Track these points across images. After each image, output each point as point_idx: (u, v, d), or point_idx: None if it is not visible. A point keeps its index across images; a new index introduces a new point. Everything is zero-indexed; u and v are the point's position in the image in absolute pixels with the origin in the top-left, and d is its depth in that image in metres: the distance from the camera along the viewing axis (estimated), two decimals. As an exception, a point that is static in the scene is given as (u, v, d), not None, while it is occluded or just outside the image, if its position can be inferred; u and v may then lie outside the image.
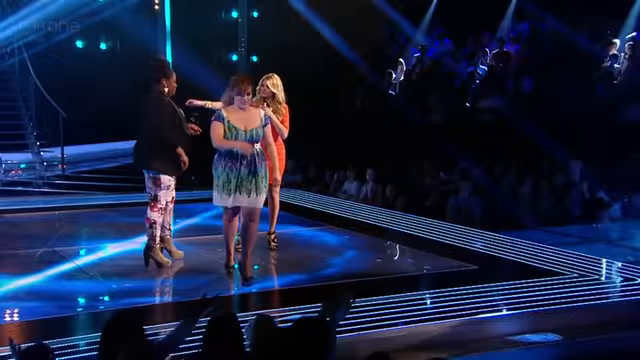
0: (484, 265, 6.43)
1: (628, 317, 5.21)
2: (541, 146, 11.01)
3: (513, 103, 12.93)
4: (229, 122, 5.37)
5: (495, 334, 4.98)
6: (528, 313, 5.13)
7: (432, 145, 11.70)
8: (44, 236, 7.42)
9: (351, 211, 8.98)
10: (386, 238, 7.65)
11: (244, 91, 5.35)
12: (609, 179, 10.31)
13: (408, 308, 5.06)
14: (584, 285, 5.70)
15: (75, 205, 9.61)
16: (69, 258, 6.37)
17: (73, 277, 5.87)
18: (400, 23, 15.43)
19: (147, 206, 6.08)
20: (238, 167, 5.36)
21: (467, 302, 5.23)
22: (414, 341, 4.67)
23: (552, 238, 8.11)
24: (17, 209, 9.26)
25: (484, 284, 5.62)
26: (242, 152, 5.36)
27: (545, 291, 5.51)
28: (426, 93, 13.69)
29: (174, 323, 4.00)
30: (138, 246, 6.93)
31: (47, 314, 4.91)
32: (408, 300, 5.24)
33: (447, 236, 7.58)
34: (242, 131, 5.38)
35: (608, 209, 9.69)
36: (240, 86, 5.35)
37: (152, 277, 5.95)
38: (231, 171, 5.37)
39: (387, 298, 5.23)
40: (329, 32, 14.64)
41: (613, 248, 8.22)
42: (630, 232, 9.00)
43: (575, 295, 5.45)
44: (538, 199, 9.67)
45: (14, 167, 13.05)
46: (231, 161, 5.38)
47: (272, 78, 6.37)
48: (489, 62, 14.32)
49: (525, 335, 4.93)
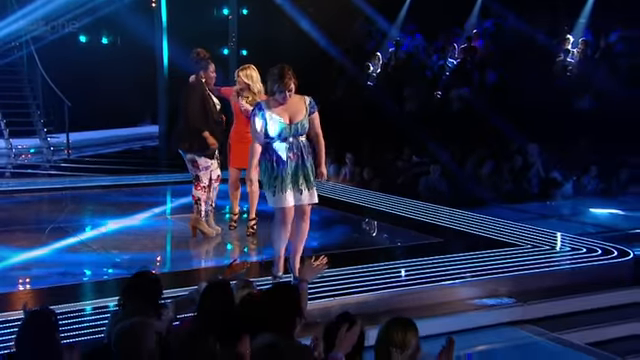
0: (449, 238, 6.50)
1: (574, 282, 5.33)
2: (503, 131, 11.11)
3: (478, 93, 13.01)
4: (271, 116, 4.42)
5: (457, 299, 5.06)
6: (486, 280, 5.20)
7: (406, 131, 11.75)
8: (51, 214, 7.40)
9: (331, 191, 9.00)
10: (363, 215, 7.67)
11: (285, 88, 4.36)
12: (562, 161, 10.46)
13: (380, 276, 5.11)
14: (536, 255, 5.78)
15: (79, 186, 9.56)
16: (73, 233, 6.36)
17: (77, 250, 5.86)
18: (377, 20, 15.41)
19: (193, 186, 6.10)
20: (286, 163, 4.45)
21: (433, 271, 5.30)
22: (383, 305, 4.72)
23: (512, 214, 8.20)
24: (26, 189, 9.19)
25: (448, 255, 5.69)
26: (287, 146, 4.46)
27: (502, 260, 5.59)
28: (400, 84, 13.73)
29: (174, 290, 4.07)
30: (137, 222, 7.01)
31: (53, 283, 4.92)
32: (380, 269, 5.28)
33: (418, 213, 7.63)
34: (286, 125, 4.43)
35: (561, 188, 9.83)
36: (281, 82, 4.36)
37: (150, 249, 5.95)
38: (282, 168, 4.46)
39: (361, 268, 5.27)
40: (312, 29, 14.59)
41: (565, 223, 8.36)
42: (579, 208, 9.15)
43: (528, 264, 5.53)
44: (499, 179, 9.77)
45: (24, 152, 12.97)
46: (278, 156, 4.46)
47: (246, 69, 5.98)
48: (457, 56, 14.36)
49: (483, 299, 5.02)
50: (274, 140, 4.45)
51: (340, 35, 14.84)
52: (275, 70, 4.39)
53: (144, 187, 9.43)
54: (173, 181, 9.55)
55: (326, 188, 9.34)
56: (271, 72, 4.43)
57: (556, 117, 11.48)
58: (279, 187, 4.43)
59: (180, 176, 9.18)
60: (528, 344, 4.65)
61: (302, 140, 4.52)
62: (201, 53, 6.03)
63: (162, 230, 6.81)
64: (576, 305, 5.09)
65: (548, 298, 5.07)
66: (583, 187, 9.95)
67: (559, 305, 5.04)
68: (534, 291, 5.14)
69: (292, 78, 4.37)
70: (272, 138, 4.44)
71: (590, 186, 9.95)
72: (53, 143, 12.98)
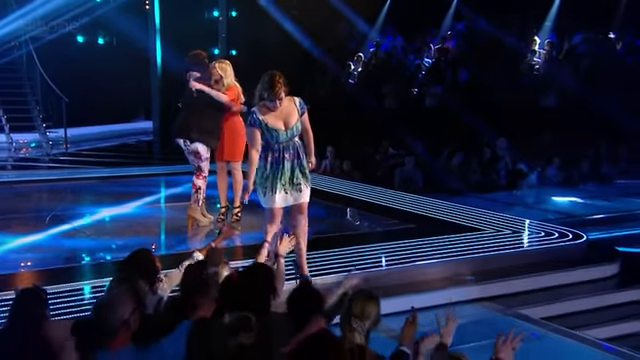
0: (420, 224, 6.58)
1: (531, 262, 5.45)
2: (474, 126, 11.23)
3: (451, 90, 13.12)
4: (267, 125, 4.24)
5: (424, 279, 5.16)
6: (451, 261, 5.32)
7: (384, 126, 11.83)
8: (48, 203, 7.40)
9: (313, 182, 9.04)
10: (343, 204, 7.71)
11: (275, 97, 4.18)
12: (527, 153, 10.61)
13: (357, 258, 5.21)
14: (498, 238, 5.89)
15: (76, 177, 9.55)
16: (69, 220, 6.37)
17: (72, 236, 5.88)
18: (357, 23, 15.45)
19: (193, 175, 6.09)
20: (282, 163, 4.31)
21: (403, 253, 5.39)
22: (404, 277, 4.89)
23: (480, 202, 8.32)
24: (26, 180, 9.19)
25: (418, 239, 5.78)
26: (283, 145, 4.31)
27: (466, 243, 5.70)
28: (380, 82, 13.80)
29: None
30: (129, 210, 7.02)
31: (46, 266, 4.96)
32: (357, 252, 5.37)
33: (394, 201, 7.71)
34: (282, 131, 4.28)
35: (526, 178, 9.98)
36: (271, 91, 4.16)
37: (141, 235, 5.96)
38: (277, 168, 4.32)
39: (340, 250, 5.36)
40: (296, 30, 14.61)
41: (529, 210, 8.51)
42: (543, 197, 9.32)
43: (490, 246, 5.65)
44: (468, 170, 9.89)
45: (24, 146, 12.89)
46: (273, 157, 4.32)
47: (222, 63, 5.97)
48: (432, 56, 14.45)
49: (445, 279, 5.13)
50: (271, 145, 4.32)
51: (323, 36, 14.87)
52: (265, 77, 4.19)
53: (138, 178, 9.43)
54: (165, 172, 9.56)
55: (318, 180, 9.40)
56: (262, 79, 4.22)
57: (523, 113, 11.63)
58: (269, 188, 4.33)
59: (172, 168, 9.23)
60: (488, 319, 4.74)
61: (296, 140, 4.39)
62: (201, 55, 6.08)
63: (154, 217, 6.85)
64: (533, 283, 5.21)
65: (507, 277, 5.18)
66: (547, 177, 10.11)
67: (517, 283, 5.16)
68: (495, 271, 5.25)
69: (283, 86, 4.18)
70: (270, 144, 4.32)
71: (553, 176, 10.11)
72: (52, 138, 12.91)
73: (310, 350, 2.48)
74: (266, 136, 4.27)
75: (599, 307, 5.09)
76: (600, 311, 5.04)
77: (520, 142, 10.85)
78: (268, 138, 4.28)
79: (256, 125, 4.26)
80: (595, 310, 5.05)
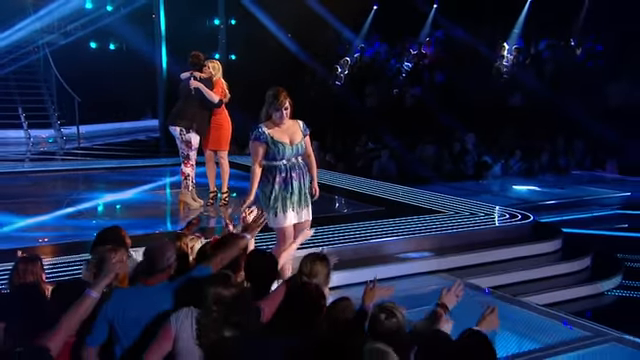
0: (389, 207, 6.69)
1: (483, 239, 5.58)
2: (447, 122, 11.38)
3: (428, 91, 13.26)
4: (273, 138, 3.96)
5: (388, 253, 5.31)
6: (413, 238, 5.45)
7: (366, 122, 11.97)
8: (57, 189, 7.52)
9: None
10: (323, 190, 7.81)
11: (281, 106, 3.95)
12: (493, 147, 10.76)
13: (331, 236, 5.33)
14: (457, 219, 6.02)
15: (85, 168, 9.69)
16: (73, 204, 6.50)
17: (74, 217, 6.00)
18: (344, 31, 15.58)
19: (181, 164, 6.14)
20: (290, 182, 4.02)
21: (372, 231, 5.53)
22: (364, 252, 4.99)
23: (449, 190, 8.41)
24: (41, 170, 9.30)
25: (385, 219, 5.90)
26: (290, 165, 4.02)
27: (428, 223, 5.83)
28: (363, 83, 13.94)
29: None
30: (130, 196, 7.14)
31: (48, 242, 5.07)
32: (332, 231, 5.48)
33: (370, 189, 7.80)
34: (288, 146, 3.99)
35: (491, 169, 10.12)
36: (276, 101, 3.95)
37: (136, 217, 6.08)
38: (285, 189, 4.01)
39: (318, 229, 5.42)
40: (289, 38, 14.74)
41: (491, 197, 8.63)
42: (505, 186, 9.46)
43: (449, 225, 5.79)
44: (440, 162, 10.03)
45: (41, 140, 13.02)
46: (281, 177, 4.01)
47: (213, 62, 6.13)
48: (412, 60, 14.59)
49: (407, 253, 5.26)
50: (277, 162, 4.00)
51: (313, 43, 14.99)
52: (270, 92, 4.00)
53: (143, 169, 9.52)
54: (168, 164, 9.62)
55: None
56: (267, 96, 4.00)
57: (491, 111, 11.79)
58: (280, 207, 4.01)
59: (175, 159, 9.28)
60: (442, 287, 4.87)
61: (300, 161, 4.10)
62: (196, 56, 6.15)
63: (150, 202, 6.93)
64: (484, 257, 5.34)
65: (461, 252, 5.32)
66: (509, 168, 10.25)
67: (470, 257, 5.28)
68: (451, 246, 5.39)
69: (287, 97, 3.98)
70: (276, 160, 4.00)
71: (515, 167, 10.26)
72: (66, 134, 13.03)
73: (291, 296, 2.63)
74: (272, 152, 3.97)
75: (540, 277, 5.21)
76: (541, 281, 5.17)
77: (487, 137, 11.01)
78: (275, 153, 3.97)
79: (261, 139, 3.95)
80: (537, 280, 5.17)
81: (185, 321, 2.48)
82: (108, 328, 2.60)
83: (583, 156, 10.83)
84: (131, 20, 14.98)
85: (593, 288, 5.17)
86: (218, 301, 2.48)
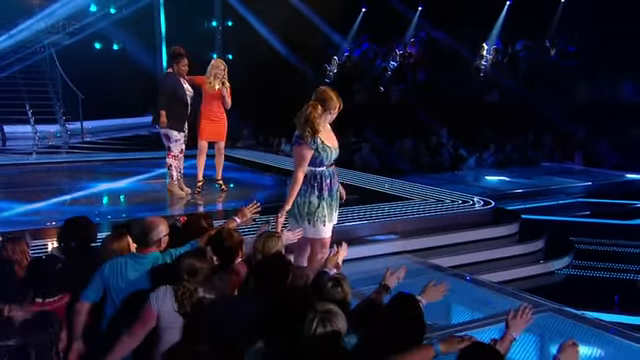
0: (363, 195, 6.74)
1: (447, 223, 5.69)
2: (427, 118, 11.49)
3: (411, 89, 13.37)
4: (323, 143, 3.49)
5: (358, 236, 5.42)
6: (381, 222, 5.55)
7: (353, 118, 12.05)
8: (55, 179, 7.63)
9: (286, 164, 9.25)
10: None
11: (335, 109, 3.49)
12: (469, 140, 10.87)
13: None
14: (423, 205, 6.14)
15: (85, 160, 9.79)
16: (69, 192, 6.61)
17: (68, 204, 6.09)
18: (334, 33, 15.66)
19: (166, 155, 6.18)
20: (333, 189, 3.62)
21: (345, 216, 5.55)
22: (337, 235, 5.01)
23: (426, 181, 8.50)
24: (44, 162, 9.45)
25: (358, 205, 6.00)
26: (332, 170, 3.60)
27: (396, 209, 5.94)
28: (352, 81, 14.04)
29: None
30: (122, 185, 7.25)
31: (42, 225, 5.13)
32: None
33: (352, 179, 7.85)
34: (334, 150, 3.56)
35: (466, 161, 10.24)
36: (330, 102, 3.44)
37: (123, 203, 6.19)
38: (330, 195, 3.59)
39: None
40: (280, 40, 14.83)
41: (466, 187, 8.74)
42: (478, 176, 9.58)
43: (415, 211, 5.90)
44: (417, 154, 10.14)
45: (47, 135, 13.10)
46: (326, 184, 3.56)
47: (224, 64, 6.08)
48: (397, 59, 14.69)
49: (375, 236, 5.37)
50: (322, 167, 3.53)
51: (304, 44, 15.08)
52: (325, 93, 3.44)
53: (140, 161, 9.61)
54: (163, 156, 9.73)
55: (281, 160, 9.66)
56: (318, 95, 3.45)
57: (470, 107, 11.89)
58: (328, 216, 3.57)
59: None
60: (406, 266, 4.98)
61: (333, 167, 3.67)
62: (176, 50, 6.06)
63: (139, 190, 7.03)
64: (446, 240, 5.46)
65: (425, 235, 5.43)
66: (483, 161, 10.38)
67: (432, 239, 5.40)
68: (416, 230, 5.49)
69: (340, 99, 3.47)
70: (322, 166, 3.53)
71: (489, 160, 10.38)
72: (71, 129, 13.12)
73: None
74: (320, 157, 3.47)
75: (498, 258, 5.34)
76: (498, 261, 5.29)
77: (464, 131, 11.12)
78: (323, 159, 3.48)
79: (310, 144, 3.42)
80: (494, 260, 5.30)
81: (165, 298, 2.59)
82: (103, 288, 2.77)
83: (552, 149, 10.96)
84: (133, 22, 15.07)
85: (544, 267, 5.31)
86: (190, 272, 2.61)
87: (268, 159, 9.81)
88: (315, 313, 2.12)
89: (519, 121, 11.36)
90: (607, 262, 5.58)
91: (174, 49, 6.12)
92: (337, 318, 2.12)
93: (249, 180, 7.97)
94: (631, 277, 5.34)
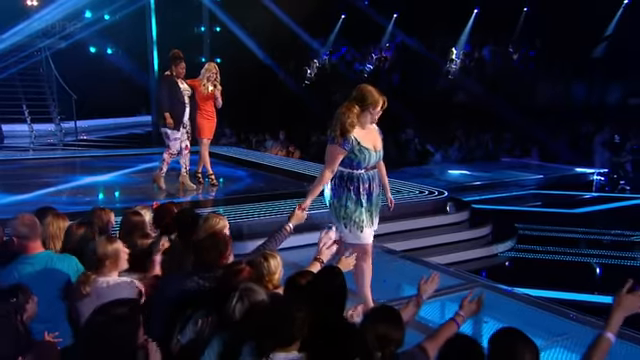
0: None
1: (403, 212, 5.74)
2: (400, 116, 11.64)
3: (386, 90, 13.50)
4: (360, 144, 3.10)
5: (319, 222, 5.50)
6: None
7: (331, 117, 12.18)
8: (46, 173, 7.64)
9: (266, 159, 9.30)
10: (282, 174, 7.88)
11: (377, 106, 3.10)
12: (436, 137, 11.06)
13: (276, 207, 5.56)
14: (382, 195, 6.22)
15: (78, 155, 9.80)
16: (57, 185, 6.63)
17: (55, 195, 6.13)
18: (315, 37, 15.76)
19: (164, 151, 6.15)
20: (373, 194, 3.25)
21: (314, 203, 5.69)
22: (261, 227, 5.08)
23: (395, 175, 8.64)
24: (40, 158, 9.48)
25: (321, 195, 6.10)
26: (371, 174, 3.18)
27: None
28: (330, 82, 14.17)
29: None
30: (108, 178, 7.29)
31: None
32: (278, 205, 5.67)
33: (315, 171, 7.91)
34: (373, 153, 3.16)
35: (433, 156, 10.42)
36: (368, 100, 3.07)
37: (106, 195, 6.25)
38: (369, 201, 3.23)
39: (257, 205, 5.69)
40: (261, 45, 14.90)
41: (432, 180, 8.90)
42: (443, 170, 9.76)
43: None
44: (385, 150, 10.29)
45: (43, 133, 13.09)
46: (364, 188, 3.18)
47: (216, 67, 6.12)
48: (373, 63, 14.84)
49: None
50: (359, 170, 3.15)
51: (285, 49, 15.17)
52: (366, 91, 3.07)
53: (128, 157, 9.62)
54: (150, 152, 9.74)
55: (262, 156, 9.73)
56: (356, 92, 3.09)
57: (439, 107, 12.10)
58: (367, 222, 3.21)
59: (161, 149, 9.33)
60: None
61: (375, 170, 3.26)
62: (175, 53, 6.07)
63: (124, 183, 7.09)
64: (401, 226, 5.56)
65: (382, 222, 5.51)
66: (449, 156, 10.56)
67: (389, 226, 5.39)
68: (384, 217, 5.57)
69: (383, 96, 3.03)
70: (359, 169, 3.15)
71: (453, 155, 10.57)
72: (65, 127, 13.11)
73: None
74: (357, 159, 3.09)
75: (448, 242, 5.49)
76: (448, 245, 5.44)
77: (432, 129, 11.32)
78: (360, 161, 3.10)
79: (344, 145, 3.05)
80: (445, 244, 5.45)
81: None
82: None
83: (512, 146, 11.19)
84: (125, 27, 15.08)
85: (489, 250, 5.47)
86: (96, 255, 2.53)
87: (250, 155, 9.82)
88: (237, 290, 2.18)
89: (483, 120, 11.59)
90: (545, 246, 5.77)
91: (173, 52, 6.13)
92: (255, 294, 2.16)
93: (230, 174, 7.93)
94: (565, 259, 5.53)
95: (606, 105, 11.69)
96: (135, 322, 1.85)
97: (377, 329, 1.88)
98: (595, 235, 6.25)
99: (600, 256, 5.58)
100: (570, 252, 5.65)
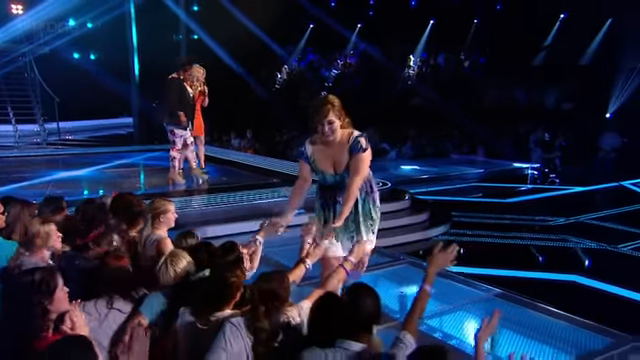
0: (281, 179, 6.84)
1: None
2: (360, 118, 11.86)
3: (350, 93, 13.73)
4: (314, 163, 2.86)
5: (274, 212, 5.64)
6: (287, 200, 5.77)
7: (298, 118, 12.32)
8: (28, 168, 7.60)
9: (232, 156, 9.37)
10: (249, 170, 7.92)
11: (318, 124, 2.74)
12: (391, 136, 11.33)
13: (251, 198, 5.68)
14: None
15: (60, 153, 9.71)
16: (37, 178, 6.59)
17: (34, 188, 6.07)
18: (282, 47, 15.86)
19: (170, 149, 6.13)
20: (332, 205, 2.91)
21: (262, 195, 5.85)
22: (224, 213, 5.28)
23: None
24: (24, 155, 9.42)
25: (277, 187, 6.21)
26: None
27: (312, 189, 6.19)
28: (298, 87, 14.31)
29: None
30: (82, 173, 7.25)
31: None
32: (240, 196, 5.78)
33: (287, 168, 7.94)
34: (329, 175, 2.84)
35: (388, 154, 10.68)
36: (315, 118, 2.74)
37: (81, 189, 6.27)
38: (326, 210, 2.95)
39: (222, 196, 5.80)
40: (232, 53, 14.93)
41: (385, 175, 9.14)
42: (396, 166, 10.02)
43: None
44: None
45: (27, 133, 12.87)
46: (323, 198, 2.95)
47: (203, 69, 6.26)
48: (339, 68, 15.04)
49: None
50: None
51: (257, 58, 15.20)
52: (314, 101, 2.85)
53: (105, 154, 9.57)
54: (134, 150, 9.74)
55: (229, 153, 9.81)
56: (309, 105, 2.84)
57: (396, 110, 12.38)
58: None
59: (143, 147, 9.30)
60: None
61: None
62: (191, 58, 6.23)
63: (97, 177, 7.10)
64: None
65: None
66: (403, 153, 10.84)
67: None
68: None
69: (333, 109, 2.78)
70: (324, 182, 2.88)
71: (407, 152, 10.85)
72: (48, 128, 12.93)
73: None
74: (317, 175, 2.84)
75: (390, 227, 5.70)
76: (391, 229, 5.66)
77: (389, 129, 11.59)
78: (317, 179, 2.89)
79: (302, 157, 2.89)
80: (387, 229, 5.63)
81: None
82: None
83: (460, 144, 11.54)
84: (108, 34, 14.94)
85: (424, 234, 5.73)
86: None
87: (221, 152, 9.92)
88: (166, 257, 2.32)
89: (436, 121, 11.92)
90: (475, 230, 6.06)
91: (189, 58, 6.33)
92: (180, 261, 2.29)
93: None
94: (492, 241, 5.83)
95: (544, 108, 12.18)
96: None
97: (261, 286, 2.08)
98: (521, 221, 6.57)
99: (522, 238, 5.89)
100: (496, 235, 5.95)
